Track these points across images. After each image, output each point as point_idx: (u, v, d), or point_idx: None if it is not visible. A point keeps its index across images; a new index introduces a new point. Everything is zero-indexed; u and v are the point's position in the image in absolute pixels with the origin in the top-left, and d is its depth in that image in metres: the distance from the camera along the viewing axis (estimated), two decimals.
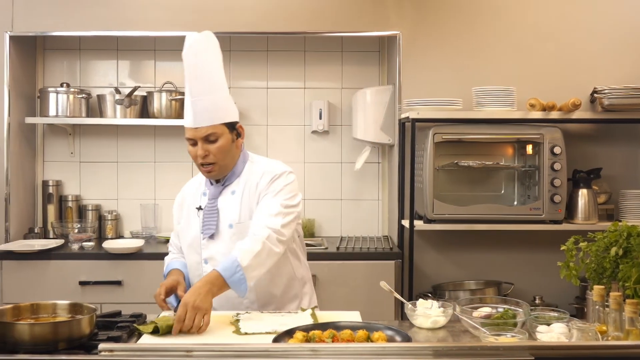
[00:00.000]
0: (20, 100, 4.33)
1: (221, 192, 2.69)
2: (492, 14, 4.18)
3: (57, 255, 3.98)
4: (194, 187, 2.82)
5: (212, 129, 2.57)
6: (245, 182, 2.68)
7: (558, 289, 4.01)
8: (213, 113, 2.58)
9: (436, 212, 3.84)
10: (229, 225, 2.64)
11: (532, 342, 2.06)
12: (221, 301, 2.59)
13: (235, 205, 2.66)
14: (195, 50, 2.60)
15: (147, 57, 4.65)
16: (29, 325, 2.03)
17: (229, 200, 2.67)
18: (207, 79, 2.60)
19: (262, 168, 2.70)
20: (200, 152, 2.57)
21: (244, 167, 2.72)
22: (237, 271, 2.40)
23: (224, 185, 2.69)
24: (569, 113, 3.90)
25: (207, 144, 2.57)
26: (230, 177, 2.69)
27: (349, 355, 1.84)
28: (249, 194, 2.66)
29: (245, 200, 2.65)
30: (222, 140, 2.59)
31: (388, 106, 4.34)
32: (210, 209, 2.67)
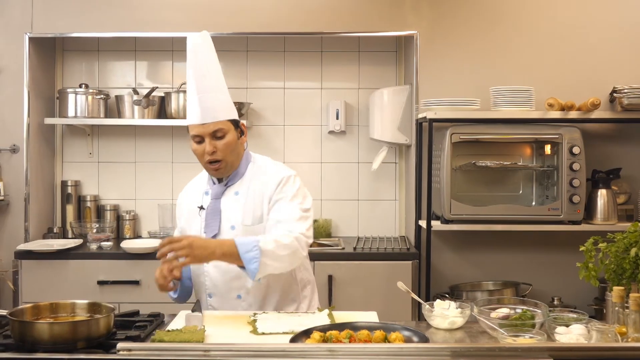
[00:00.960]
0: (39, 101, 4.37)
1: (224, 192, 2.69)
2: (510, 14, 4.16)
3: (76, 255, 4.01)
4: (196, 186, 2.83)
5: (220, 125, 2.59)
6: (248, 183, 2.69)
7: (577, 290, 3.99)
8: (219, 110, 2.60)
9: (453, 212, 3.83)
10: (231, 227, 2.64)
11: (551, 344, 2.04)
12: (221, 301, 2.66)
13: (238, 207, 2.66)
14: (200, 49, 2.63)
15: (165, 58, 4.67)
16: (48, 324, 2.05)
17: (232, 202, 2.67)
18: (213, 77, 2.63)
19: (266, 171, 2.71)
20: (208, 149, 2.58)
21: (247, 168, 2.72)
22: (253, 249, 2.40)
23: (227, 186, 2.69)
24: (588, 113, 3.87)
25: (214, 140, 2.59)
26: (233, 177, 2.70)
27: (366, 355, 1.84)
28: (253, 197, 2.66)
29: (250, 203, 2.65)
30: (229, 137, 2.61)
31: (405, 106, 4.33)
32: (212, 209, 2.67)
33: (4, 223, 4.21)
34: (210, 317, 2.49)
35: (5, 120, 4.21)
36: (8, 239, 4.17)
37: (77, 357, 1.96)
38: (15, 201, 4.21)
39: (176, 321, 2.43)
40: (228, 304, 2.67)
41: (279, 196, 2.63)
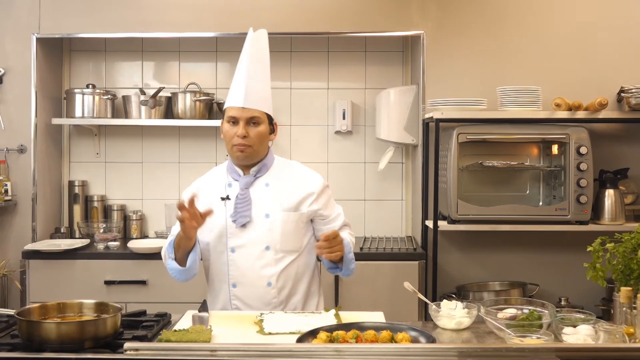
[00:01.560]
0: (46, 101, 4.38)
1: (253, 183, 2.76)
2: (517, 13, 4.15)
3: (83, 254, 4.02)
4: (212, 181, 2.85)
5: (258, 113, 2.67)
6: (279, 175, 2.79)
7: (584, 290, 3.97)
8: (263, 100, 2.70)
9: (460, 212, 3.82)
10: (265, 215, 2.72)
11: (558, 344, 2.04)
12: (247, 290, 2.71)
13: (270, 197, 2.74)
14: (260, 41, 2.74)
15: (172, 59, 4.68)
16: (55, 324, 2.05)
17: (263, 192, 2.75)
18: (265, 67, 2.73)
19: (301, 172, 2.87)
20: (240, 132, 2.65)
21: (272, 162, 2.82)
22: (350, 251, 2.72)
23: (256, 177, 2.77)
24: (595, 113, 3.86)
25: (249, 126, 2.67)
26: (261, 169, 2.78)
27: (373, 355, 1.84)
28: (286, 189, 2.76)
29: (284, 193, 2.75)
30: (263, 127, 2.70)
31: (412, 106, 4.33)
32: (243, 199, 2.72)
33: (12, 223, 4.23)
34: (216, 317, 2.50)
35: (13, 120, 4.23)
36: (16, 239, 4.19)
37: (84, 357, 1.96)
38: (23, 201, 4.22)
39: (183, 321, 2.44)
40: (255, 293, 2.71)
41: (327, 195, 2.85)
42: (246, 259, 2.71)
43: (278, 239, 2.70)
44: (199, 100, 4.39)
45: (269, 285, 2.71)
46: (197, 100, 4.39)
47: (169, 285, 3.93)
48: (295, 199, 2.75)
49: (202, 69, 4.68)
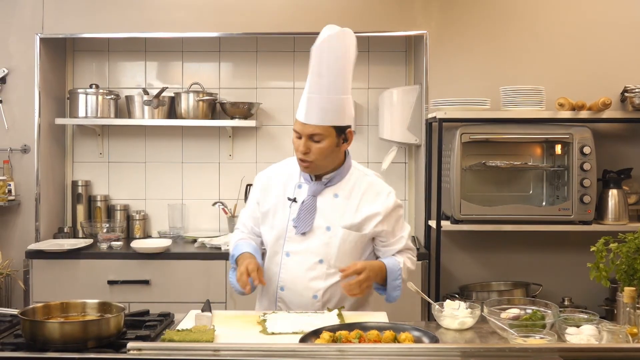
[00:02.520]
0: (50, 101, 4.39)
1: (322, 192, 2.67)
2: (520, 13, 4.14)
3: (86, 254, 4.02)
4: (285, 175, 2.77)
5: (319, 129, 2.55)
6: (351, 188, 2.68)
7: (587, 290, 3.97)
8: (324, 114, 2.55)
9: (463, 212, 3.82)
10: (326, 228, 2.63)
11: (562, 344, 2.04)
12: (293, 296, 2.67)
13: (337, 209, 2.65)
14: (325, 47, 2.53)
15: (175, 58, 4.68)
16: (59, 323, 2.06)
17: (331, 202, 2.66)
18: (329, 79, 2.54)
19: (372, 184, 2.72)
20: (302, 148, 2.57)
21: (348, 172, 2.71)
22: (398, 278, 2.62)
23: (326, 186, 2.68)
24: (598, 112, 3.85)
25: (310, 142, 2.57)
26: (333, 178, 2.68)
27: (376, 355, 1.84)
28: (355, 206, 2.65)
29: (351, 208, 2.65)
30: (326, 143, 2.57)
31: (415, 106, 4.32)
32: (309, 206, 2.65)
33: (15, 223, 4.23)
34: (219, 316, 2.50)
35: (17, 120, 4.24)
36: (19, 239, 4.20)
37: (87, 357, 1.96)
38: (26, 201, 4.23)
39: (186, 321, 2.44)
40: (301, 301, 2.66)
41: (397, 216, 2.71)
42: (299, 266, 2.65)
43: (334, 254, 2.63)
44: (202, 100, 4.40)
45: (314, 298, 2.65)
46: (200, 100, 4.39)
47: (172, 285, 3.95)
48: (360, 218, 2.64)
49: (205, 68, 4.68)
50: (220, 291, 3.94)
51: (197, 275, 3.95)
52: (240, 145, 4.65)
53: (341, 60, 2.57)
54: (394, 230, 2.69)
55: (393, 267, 2.61)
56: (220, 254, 3.98)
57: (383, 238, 2.69)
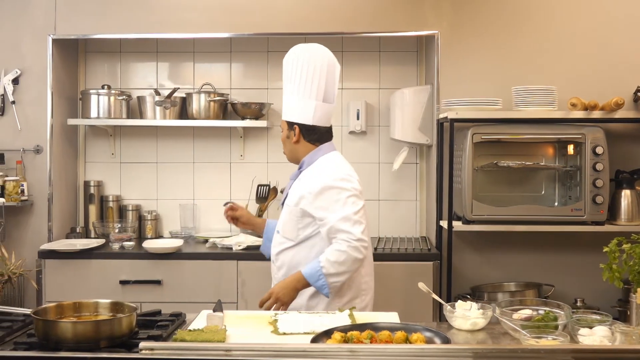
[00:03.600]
0: (62, 102, 4.41)
1: (297, 176, 3.09)
2: (532, 13, 4.13)
3: (98, 254, 4.04)
4: None
5: (281, 122, 3.12)
6: (307, 173, 3.02)
7: (600, 291, 3.95)
8: (284, 110, 3.09)
9: (475, 212, 3.81)
10: (286, 204, 3.06)
11: (574, 345, 2.03)
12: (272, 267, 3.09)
13: (293, 192, 3.02)
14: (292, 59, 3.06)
15: (186, 59, 4.70)
16: (71, 323, 2.07)
17: (295, 186, 3.04)
18: (293, 83, 3.04)
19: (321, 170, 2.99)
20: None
21: (314, 162, 3.04)
22: (320, 278, 2.80)
23: (300, 171, 3.08)
24: (611, 112, 3.83)
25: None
26: (302, 165, 3.08)
27: (387, 356, 1.84)
28: (300, 186, 2.99)
29: (298, 189, 2.99)
30: (283, 134, 3.12)
31: (426, 106, 4.32)
32: (287, 187, 3.13)
33: (28, 223, 4.26)
34: (231, 317, 2.50)
35: (29, 121, 4.26)
36: (32, 239, 4.22)
37: (100, 356, 1.97)
38: (39, 201, 4.25)
39: (197, 321, 2.45)
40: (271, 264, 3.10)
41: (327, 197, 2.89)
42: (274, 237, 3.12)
43: (282, 225, 3.04)
44: (214, 101, 4.41)
45: (272, 262, 3.09)
46: (212, 100, 4.40)
47: (184, 285, 3.96)
48: (297, 195, 2.97)
49: (217, 69, 4.69)
50: (232, 291, 3.95)
51: (209, 276, 3.96)
52: (252, 146, 4.66)
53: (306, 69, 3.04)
54: (319, 211, 2.90)
55: (312, 272, 2.81)
56: (231, 254, 3.99)
57: (313, 218, 2.93)
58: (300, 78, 3.01)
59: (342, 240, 2.81)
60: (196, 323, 2.41)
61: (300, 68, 3.01)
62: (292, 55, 3.05)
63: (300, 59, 3.01)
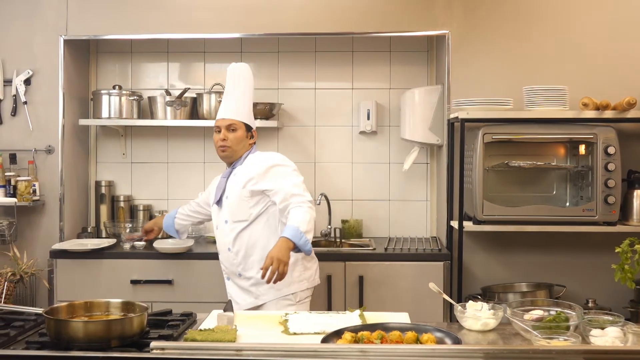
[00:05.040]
0: (74, 102, 4.43)
1: (229, 174, 3.46)
2: (543, 12, 4.11)
3: (110, 254, 4.06)
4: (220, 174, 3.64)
5: (234, 121, 3.42)
6: (244, 167, 3.42)
7: (612, 292, 3.93)
8: (237, 112, 3.45)
9: (486, 213, 3.80)
10: (226, 197, 3.42)
11: (586, 346, 2.02)
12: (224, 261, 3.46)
13: (233, 183, 3.40)
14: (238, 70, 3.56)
15: (197, 59, 4.71)
16: (83, 322, 2.08)
17: (231, 180, 3.43)
18: (241, 91, 3.50)
19: (260, 157, 3.44)
20: (220, 136, 3.41)
21: (248, 157, 3.46)
22: (302, 236, 3.09)
23: (232, 169, 3.46)
24: (623, 112, 3.81)
25: (227, 132, 3.41)
26: (236, 163, 3.46)
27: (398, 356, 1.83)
28: (242, 176, 3.37)
29: (240, 180, 3.37)
30: (239, 132, 3.43)
31: (437, 106, 4.31)
32: (219, 185, 3.49)
33: (40, 223, 4.28)
34: (241, 316, 2.51)
35: (41, 121, 4.28)
36: (43, 239, 4.24)
37: (111, 356, 1.98)
38: (51, 201, 4.27)
39: (208, 321, 2.45)
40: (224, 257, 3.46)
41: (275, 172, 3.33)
42: (218, 232, 3.47)
43: (230, 213, 3.38)
44: None
45: (229, 250, 3.39)
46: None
47: (195, 285, 3.97)
48: (243, 181, 3.35)
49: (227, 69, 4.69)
50: None
51: (219, 275, 3.95)
52: (262, 146, 4.65)
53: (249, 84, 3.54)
54: (270, 183, 3.31)
55: (294, 233, 3.08)
56: None
57: (267, 192, 3.32)
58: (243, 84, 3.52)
59: (301, 203, 3.19)
60: (207, 323, 2.41)
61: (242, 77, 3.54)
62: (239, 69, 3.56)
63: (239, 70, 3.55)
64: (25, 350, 2.07)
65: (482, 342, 2.26)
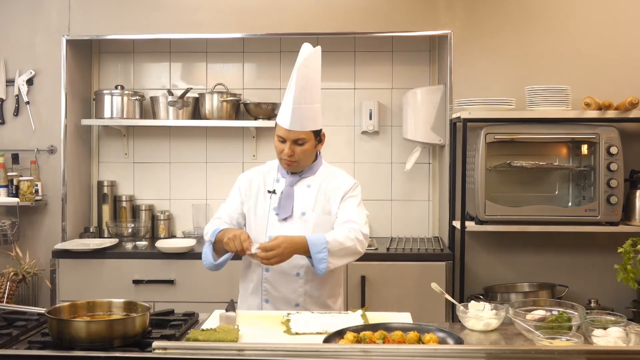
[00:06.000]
0: (76, 102, 4.43)
1: (297, 182, 2.96)
2: (545, 12, 4.11)
3: (112, 254, 4.06)
4: (264, 173, 3.05)
5: (304, 135, 2.87)
6: (320, 181, 2.97)
7: (614, 292, 3.93)
8: (307, 121, 2.88)
9: (488, 213, 3.80)
10: (301, 213, 2.90)
11: (588, 346, 2.01)
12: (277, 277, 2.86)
13: (310, 198, 2.92)
14: (308, 62, 2.92)
15: (199, 59, 4.71)
16: (85, 322, 2.08)
17: (305, 192, 2.94)
18: (311, 91, 2.92)
19: (336, 174, 3.02)
20: (287, 151, 2.87)
21: (319, 168, 3.01)
22: (322, 251, 2.69)
23: (301, 177, 2.97)
24: (626, 112, 3.81)
25: (294, 146, 2.87)
26: (307, 171, 2.98)
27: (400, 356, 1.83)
28: (324, 193, 2.94)
29: (320, 197, 2.93)
30: (308, 145, 2.89)
31: (439, 106, 4.30)
32: (287, 194, 2.93)
33: (42, 223, 4.29)
34: (243, 316, 2.51)
35: (43, 121, 4.29)
36: (46, 238, 4.25)
37: (113, 356, 1.98)
38: (53, 201, 4.28)
39: (210, 320, 2.45)
40: (285, 280, 2.86)
41: (351, 196, 2.93)
42: None
43: (313, 231, 2.84)
44: (226, 101, 4.41)
45: (297, 275, 2.86)
46: (224, 100, 4.41)
47: (197, 285, 3.97)
48: (329, 203, 2.92)
49: (229, 69, 4.70)
50: None
51: (221, 275, 3.95)
52: (264, 146, 4.66)
53: (318, 74, 2.99)
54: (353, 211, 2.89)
55: (317, 242, 2.70)
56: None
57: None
58: (315, 79, 2.98)
59: (353, 230, 2.80)
60: (209, 323, 2.41)
61: (314, 69, 2.97)
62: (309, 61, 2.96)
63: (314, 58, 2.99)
64: (28, 350, 2.07)
65: (485, 342, 2.26)
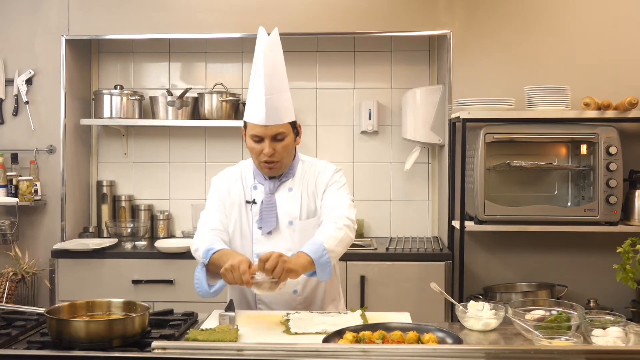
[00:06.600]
0: (75, 102, 4.43)
1: (278, 188, 2.69)
2: (545, 12, 4.11)
3: (111, 254, 4.06)
4: (240, 179, 2.75)
5: (282, 128, 2.57)
6: (301, 180, 2.70)
7: (613, 292, 3.93)
8: (283, 112, 2.57)
9: (487, 213, 3.80)
10: (289, 222, 2.65)
11: (588, 346, 2.01)
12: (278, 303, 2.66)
13: (294, 203, 2.67)
14: (273, 46, 2.56)
15: (198, 59, 4.71)
16: (84, 322, 2.07)
17: (287, 197, 2.68)
18: (281, 76, 2.60)
19: (316, 167, 2.74)
20: (267, 150, 2.55)
21: (297, 165, 2.73)
22: (324, 254, 2.41)
23: (281, 181, 2.69)
24: (625, 112, 3.81)
25: (274, 142, 2.56)
26: (286, 173, 2.70)
27: (399, 356, 1.83)
28: (307, 193, 2.69)
29: (305, 199, 2.68)
30: (288, 139, 2.60)
31: (438, 106, 4.31)
32: (268, 204, 2.65)
33: (41, 222, 4.28)
34: (243, 316, 2.50)
35: (43, 121, 4.28)
36: (45, 238, 4.25)
37: (112, 355, 1.98)
38: (52, 201, 4.27)
39: (209, 320, 2.45)
40: (281, 299, 2.64)
41: (331, 181, 2.68)
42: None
43: (302, 242, 2.56)
44: (226, 101, 4.41)
45: (295, 293, 2.68)
46: (224, 100, 4.41)
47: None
48: (314, 202, 2.68)
49: (229, 69, 4.70)
50: None
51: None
52: None
53: (282, 59, 2.61)
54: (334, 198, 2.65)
55: (314, 249, 2.41)
56: None
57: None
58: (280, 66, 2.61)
59: (337, 218, 2.55)
60: (208, 323, 2.41)
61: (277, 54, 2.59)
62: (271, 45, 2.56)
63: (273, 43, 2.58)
64: (27, 350, 2.07)
65: (484, 342, 2.25)
